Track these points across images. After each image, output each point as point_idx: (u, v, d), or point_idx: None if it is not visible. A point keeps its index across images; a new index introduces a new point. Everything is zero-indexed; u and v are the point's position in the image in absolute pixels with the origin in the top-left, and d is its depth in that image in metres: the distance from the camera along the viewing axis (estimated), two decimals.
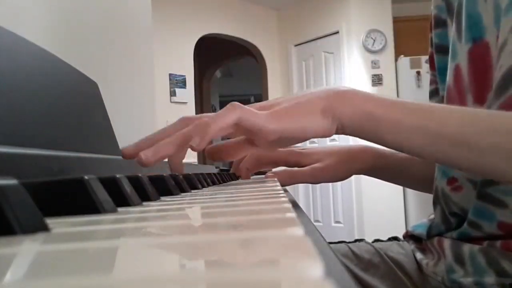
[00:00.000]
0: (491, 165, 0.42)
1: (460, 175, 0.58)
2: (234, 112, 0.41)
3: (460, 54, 0.58)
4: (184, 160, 0.53)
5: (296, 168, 0.69)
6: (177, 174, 0.49)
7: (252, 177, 0.77)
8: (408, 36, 4.13)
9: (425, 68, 3.87)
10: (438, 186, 0.62)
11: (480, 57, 0.54)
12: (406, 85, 3.93)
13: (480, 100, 0.54)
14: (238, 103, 0.43)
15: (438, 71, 0.66)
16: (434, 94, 0.69)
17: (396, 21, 4.11)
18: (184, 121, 0.47)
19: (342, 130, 0.44)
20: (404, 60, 3.94)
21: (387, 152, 0.69)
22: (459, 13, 0.58)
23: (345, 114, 0.43)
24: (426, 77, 3.84)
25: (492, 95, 0.50)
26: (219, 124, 0.41)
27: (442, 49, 0.65)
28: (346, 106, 0.43)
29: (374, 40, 4.05)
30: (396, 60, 4.05)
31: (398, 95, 4.01)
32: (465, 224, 0.56)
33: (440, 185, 0.61)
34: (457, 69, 0.58)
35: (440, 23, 0.65)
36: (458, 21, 0.58)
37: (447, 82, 0.61)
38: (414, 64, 3.91)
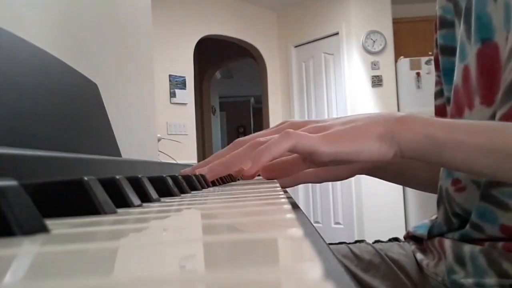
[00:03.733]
0: None
1: (464, 176, 0.57)
2: (289, 140, 0.43)
3: (469, 55, 0.57)
4: (184, 161, 0.54)
5: None
6: (176, 175, 0.49)
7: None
8: (408, 37, 4.14)
9: (425, 69, 3.87)
10: (442, 186, 0.62)
11: (489, 59, 0.54)
12: (406, 86, 3.93)
13: (487, 102, 0.54)
14: (292, 130, 0.43)
15: (443, 72, 0.66)
16: (439, 95, 0.69)
17: (396, 22, 4.11)
18: (237, 144, 0.51)
19: (401, 154, 0.44)
20: (404, 61, 3.95)
21: None
22: (468, 14, 0.57)
23: (405, 139, 0.43)
24: (426, 78, 3.85)
25: (501, 97, 0.50)
26: (273, 153, 0.43)
27: (447, 50, 0.65)
28: (406, 131, 0.43)
29: (374, 41, 4.05)
30: (396, 61, 4.06)
31: (398, 96, 4.02)
32: (468, 226, 0.56)
33: (445, 185, 0.61)
34: (466, 70, 0.58)
35: (446, 24, 0.65)
36: (468, 22, 0.57)
37: (454, 83, 0.60)
38: (414, 65, 3.91)
